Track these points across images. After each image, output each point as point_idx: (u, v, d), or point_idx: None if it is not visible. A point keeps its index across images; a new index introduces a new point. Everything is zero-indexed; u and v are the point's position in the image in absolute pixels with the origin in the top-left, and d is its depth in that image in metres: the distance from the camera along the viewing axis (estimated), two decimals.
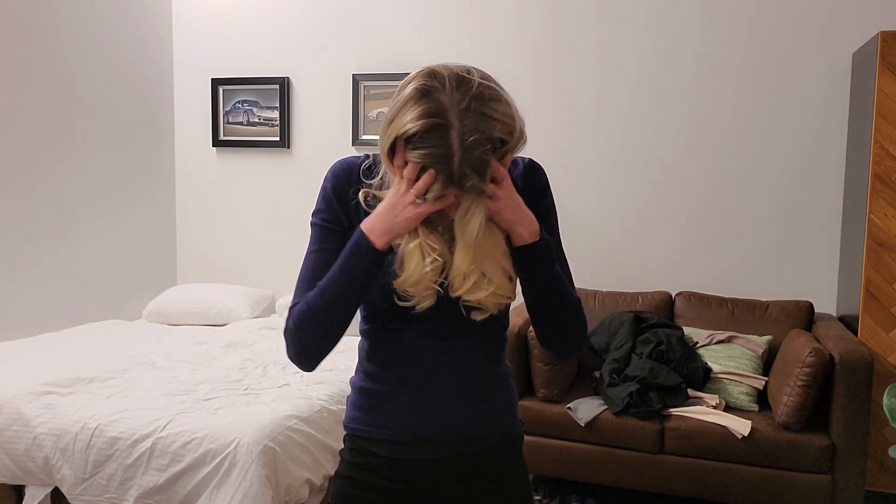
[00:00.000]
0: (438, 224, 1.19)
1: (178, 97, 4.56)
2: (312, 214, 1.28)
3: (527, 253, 1.19)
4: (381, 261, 1.17)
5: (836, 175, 3.52)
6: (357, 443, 1.33)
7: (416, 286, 1.17)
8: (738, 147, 3.64)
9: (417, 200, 1.12)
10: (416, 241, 1.17)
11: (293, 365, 3.09)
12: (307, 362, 1.25)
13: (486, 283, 1.16)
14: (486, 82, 1.12)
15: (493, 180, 1.13)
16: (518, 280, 1.23)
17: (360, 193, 1.23)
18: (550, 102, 3.86)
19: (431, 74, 1.11)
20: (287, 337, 1.24)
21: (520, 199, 1.17)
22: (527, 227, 1.18)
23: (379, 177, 1.23)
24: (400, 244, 1.19)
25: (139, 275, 4.37)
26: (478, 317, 1.22)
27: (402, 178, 1.13)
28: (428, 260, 1.16)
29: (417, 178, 1.11)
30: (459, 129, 1.08)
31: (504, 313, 1.33)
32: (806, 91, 3.52)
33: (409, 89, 1.11)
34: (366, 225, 1.17)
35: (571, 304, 1.26)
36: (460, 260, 1.15)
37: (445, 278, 1.18)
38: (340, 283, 1.18)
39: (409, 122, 1.09)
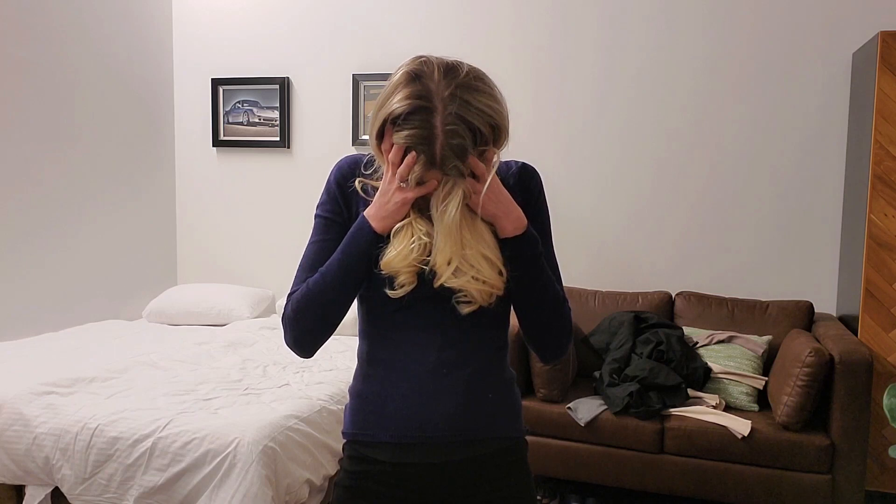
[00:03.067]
0: (428, 208, 1.22)
1: (178, 97, 4.56)
2: (316, 207, 1.33)
3: (511, 245, 1.22)
4: (379, 244, 1.22)
5: (836, 175, 3.52)
6: (357, 449, 1.32)
7: (400, 264, 1.21)
8: (738, 147, 3.64)
9: (402, 185, 1.18)
10: (405, 221, 1.22)
11: (293, 365, 3.12)
12: (304, 348, 1.27)
13: (468, 268, 1.19)
14: (475, 75, 1.17)
15: (474, 176, 1.17)
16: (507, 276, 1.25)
17: (357, 182, 1.28)
18: (550, 102, 3.86)
19: (422, 61, 1.17)
20: (285, 322, 1.27)
21: (506, 194, 1.21)
22: (511, 221, 1.21)
23: (374, 168, 1.29)
24: None
25: (139, 275, 4.37)
26: (465, 309, 1.24)
27: (388, 162, 1.19)
28: (413, 238, 1.20)
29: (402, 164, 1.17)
30: (442, 114, 1.13)
31: (504, 313, 1.33)
32: (806, 91, 3.53)
33: (399, 73, 1.17)
34: (367, 211, 1.23)
35: (558, 303, 1.28)
36: (441, 244, 1.18)
37: (432, 268, 1.21)
38: (341, 266, 1.23)
39: (396, 102, 1.14)
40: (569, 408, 3.02)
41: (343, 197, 1.30)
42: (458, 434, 1.28)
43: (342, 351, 3.42)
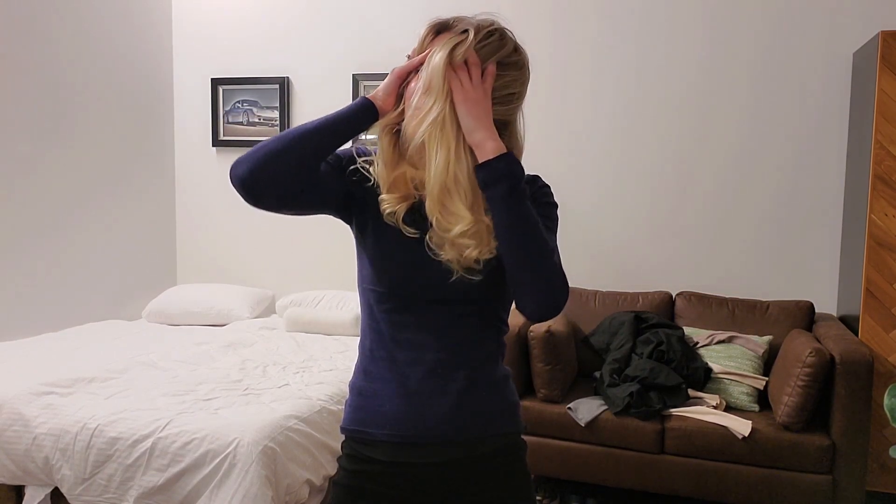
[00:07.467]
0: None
1: (178, 97, 4.55)
2: None
3: (487, 168, 1.17)
4: (371, 117, 1.24)
5: (837, 175, 3.51)
6: (354, 448, 1.32)
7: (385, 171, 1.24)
8: (738, 147, 3.64)
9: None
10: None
11: (293, 365, 3.12)
12: (253, 182, 1.20)
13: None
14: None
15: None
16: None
17: (359, 162, 1.31)
18: (551, 102, 3.86)
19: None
20: (243, 155, 1.21)
21: (488, 113, 1.20)
22: (489, 137, 1.18)
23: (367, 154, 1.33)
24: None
25: (139, 275, 4.37)
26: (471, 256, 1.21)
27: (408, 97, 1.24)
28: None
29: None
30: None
31: (502, 312, 1.33)
32: (806, 91, 3.52)
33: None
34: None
35: (544, 247, 1.17)
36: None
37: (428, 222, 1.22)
38: (324, 119, 1.22)
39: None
40: (569, 408, 3.02)
41: (349, 163, 1.31)
42: (454, 433, 1.28)
43: (342, 351, 3.42)
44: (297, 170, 1.20)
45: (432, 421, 1.27)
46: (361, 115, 1.24)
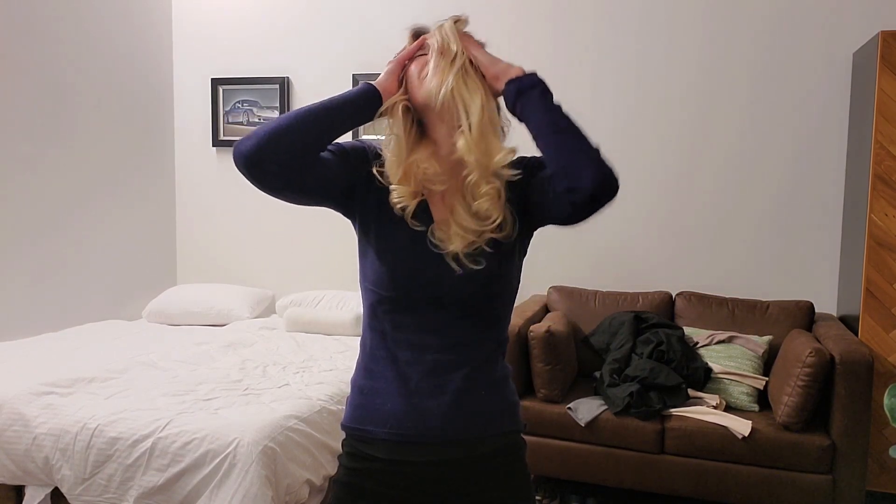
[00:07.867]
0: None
1: (178, 97, 4.55)
2: None
3: (520, 82, 1.26)
4: (375, 102, 1.29)
5: (837, 175, 3.51)
6: (354, 446, 1.32)
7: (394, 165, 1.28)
8: (738, 147, 3.64)
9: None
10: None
11: (293, 365, 3.11)
12: (259, 159, 1.18)
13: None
14: None
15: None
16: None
17: (374, 169, 1.32)
18: None
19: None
20: (248, 133, 1.20)
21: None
22: (511, 64, 1.29)
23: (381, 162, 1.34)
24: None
25: (139, 275, 4.37)
26: (484, 205, 1.25)
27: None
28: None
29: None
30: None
31: (503, 312, 1.33)
32: (806, 91, 3.52)
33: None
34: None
35: (586, 137, 1.24)
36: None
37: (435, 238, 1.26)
38: (328, 102, 1.27)
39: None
40: (569, 408, 3.02)
41: (355, 157, 1.32)
42: (454, 433, 1.28)
43: (342, 351, 3.42)
44: (303, 149, 1.21)
45: (432, 420, 1.27)
46: (364, 100, 1.28)
